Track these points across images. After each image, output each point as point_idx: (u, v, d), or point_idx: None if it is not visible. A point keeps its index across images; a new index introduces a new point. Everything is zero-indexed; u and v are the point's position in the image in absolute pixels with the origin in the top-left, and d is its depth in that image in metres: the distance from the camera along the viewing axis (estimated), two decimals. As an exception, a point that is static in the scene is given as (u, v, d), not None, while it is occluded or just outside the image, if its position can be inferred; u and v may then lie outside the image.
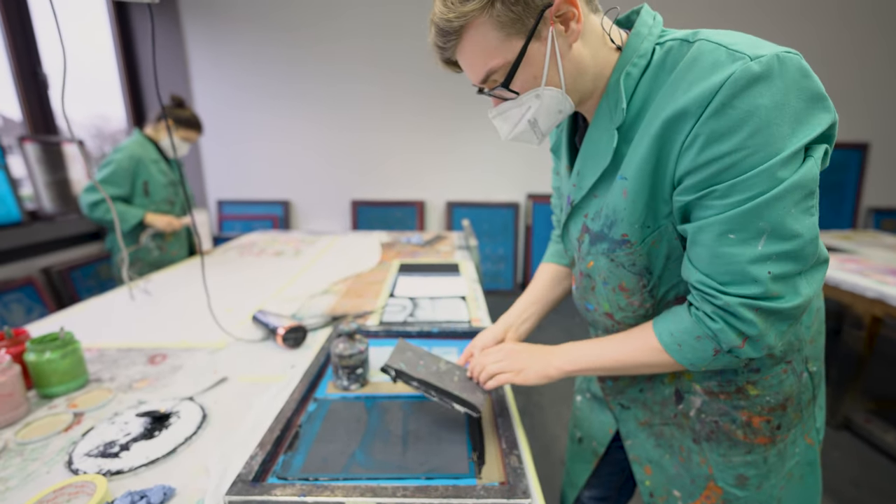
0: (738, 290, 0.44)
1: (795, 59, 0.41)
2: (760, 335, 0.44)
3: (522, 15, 0.46)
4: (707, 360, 0.48)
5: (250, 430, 0.66)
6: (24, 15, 2.20)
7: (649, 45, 0.49)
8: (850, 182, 3.39)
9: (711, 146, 0.42)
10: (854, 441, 1.74)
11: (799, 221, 0.41)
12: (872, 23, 3.14)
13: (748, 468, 0.57)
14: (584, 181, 0.56)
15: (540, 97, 0.52)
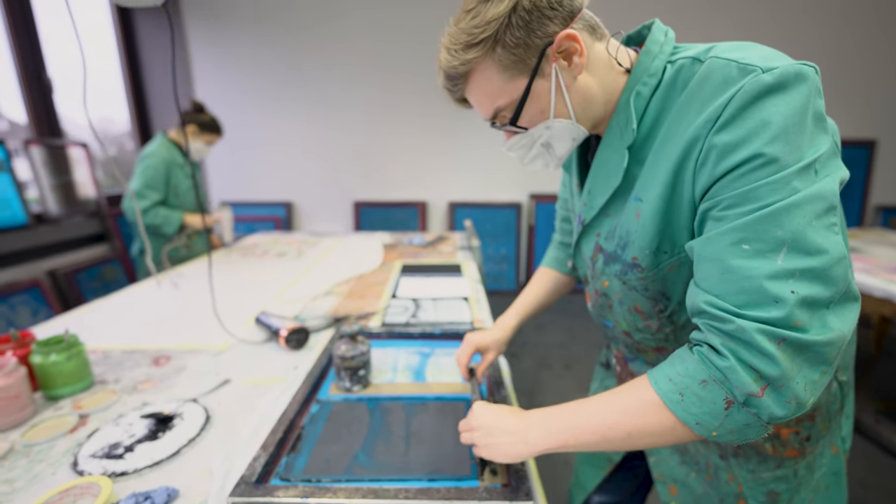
0: (755, 312, 0.36)
1: (811, 73, 0.39)
2: (784, 377, 0.35)
3: (524, 56, 0.48)
4: (718, 418, 0.38)
5: (253, 431, 0.67)
6: (29, 19, 2.22)
7: (660, 63, 0.49)
8: (857, 180, 3.36)
9: (726, 158, 0.39)
10: (862, 442, 1.73)
11: (822, 236, 0.36)
12: (878, 19, 3.12)
13: (779, 483, 0.54)
14: (595, 200, 0.56)
15: (550, 128, 0.52)
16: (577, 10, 0.48)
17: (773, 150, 0.37)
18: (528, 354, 2.47)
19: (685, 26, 3.11)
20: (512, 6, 0.46)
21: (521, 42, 0.47)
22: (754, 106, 0.38)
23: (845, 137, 3.30)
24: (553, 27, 0.47)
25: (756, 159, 0.38)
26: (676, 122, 0.45)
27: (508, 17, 0.46)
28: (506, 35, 0.47)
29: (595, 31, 0.51)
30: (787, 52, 0.43)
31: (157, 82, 3.05)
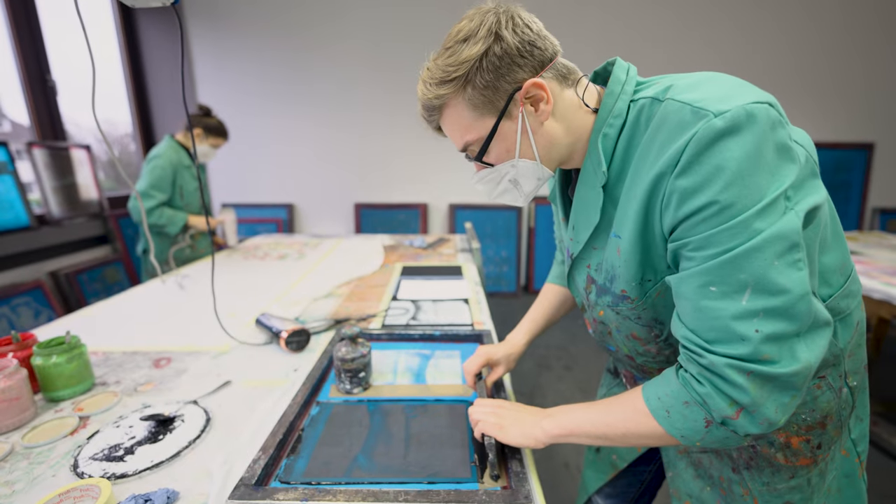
0: (724, 348, 0.40)
1: (764, 110, 0.40)
2: (755, 405, 0.40)
3: (492, 98, 0.51)
4: (700, 433, 0.43)
5: (253, 433, 0.67)
6: (33, 21, 2.23)
7: (623, 104, 0.51)
8: (855, 182, 3.37)
9: (686, 203, 0.42)
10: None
11: (784, 275, 0.39)
12: (877, 21, 3.12)
13: (794, 494, 0.54)
14: (580, 235, 0.58)
15: (515, 167, 0.56)
16: (547, 61, 0.52)
17: (728, 196, 0.39)
18: (529, 356, 2.47)
19: (686, 27, 3.12)
20: (484, 50, 0.49)
21: (490, 85, 0.50)
22: (708, 151, 0.40)
23: (843, 140, 3.31)
24: (522, 74, 0.51)
25: (713, 206, 0.40)
26: (641, 163, 0.47)
27: (480, 60, 0.50)
28: (476, 76, 0.50)
29: (566, 78, 0.54)
30: (787, 55, 0.44)
31: (159, 84, 3.06)
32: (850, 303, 0.51)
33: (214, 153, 1.95)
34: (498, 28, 0.49)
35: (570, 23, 3.10)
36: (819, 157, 2.54)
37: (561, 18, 3.09)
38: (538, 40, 0.51)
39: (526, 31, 0.50)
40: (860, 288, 0.53)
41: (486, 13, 0.51)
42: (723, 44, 3.14)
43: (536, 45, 0.51)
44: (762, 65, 3.17)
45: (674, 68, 3.17)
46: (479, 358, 0.74)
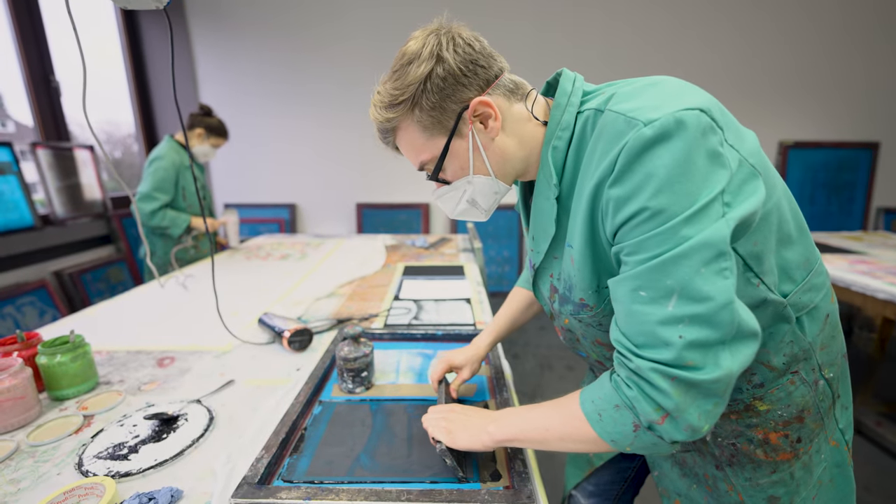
0: (650, 353, 0.41)
1: (695, 117, 0.41)
2: (678, 410, 0.40)
3: (441, 118, 0.52)
4: (629, 437, 0.43)
5: (256, 432, 0.67)
6: (37, 22, 2.24)
7: (570, 116, 0.51)
8: (860, 182, 3.35)
9: (620, 210, 0.43)
10: (865, 445, 1.72)
11: (710, 283, 0.39)
12: (876, 20, 3.11)
13: (777, 488, 0.55)
14: (540, 246, 0.59)
15: (471, 183, 0.57)
16: (493, 78, 0.53)
17: (658, 203, 0.40)
18: (531, 356, 2.47)
19: (684, 27, 3.11)
20: (427, 73, 0.50)
21: (437, 106, 0.52)
22: (639, 160, 0.41)
23: (848, 140, 3.29)
24: (468, 93, 0.52)
25: (643, 212, 0.41)
26: (585, 173, 0.48)
27: (424, 82, 0.51)
28: (422, 99, 0.51)
29: (514, 93, 0.55)
30: (789, 56, 0.44)
31: (162, 85, 3.07)
32: (815, 296, 0.51)
33: (215, 153, 1.95)
34: (439, 50, 0.50)
35: (572, 25, 3.10)
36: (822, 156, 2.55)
37: (563, 20, 3.09)
38: (481, 59, 0.52)
39: (468, 50, 0.51)
40: (826, 280, 0.53)
41: (429, 35, 0.52)
42: (722, 44, 3.13)
43: (479, 63, 0.52)
44: (762, 65, 3.16)
45: (674, 69, 3.16)
46: (441, 363, 0.74)
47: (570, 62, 3.17)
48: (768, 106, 3.25)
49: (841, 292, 1.69)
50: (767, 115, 3.26)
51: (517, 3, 3.06)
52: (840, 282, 1.67)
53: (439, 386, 0.73)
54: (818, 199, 3.36)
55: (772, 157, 3.34)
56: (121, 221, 2.60)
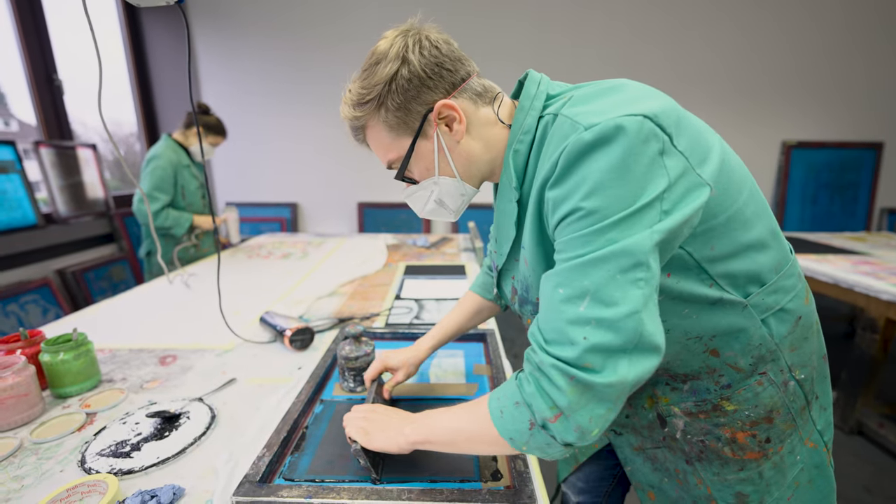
0: (555, 349, 0.41)
1: (636, 123, 0.41)
2: (570, 409, 0.40)
3: (406, 119, 0.53)
4: (525, 436, 0.43)
5: (258, 431, 0.67)
6: (40, 21, 2.25)
7: (532, 119, 0.52)
8: (863, 182, 3.33)
9: (556, 210, 0.44)
10: (867, 446, 1.71)
11: (622, 290, 0.39)
12: (878, 20, 3.09)
13: (744, 485, 0.55)
14: (502, 248, 0.60)
15: (437, 184, 0.58)
16: (459, 81, 0.53)
17: (588, 204, 0.41)
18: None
19: (685, 27, 3.10)
20: (392, 74, 0.51)
21: (402, 106, 0.53)
22: (577, 163, 0.42)
23: (851, 140, 3.28)
24: (434, 96, 0.53)
25: (575, 213, 0.42)
26: (537, 176, 0.49)
27: (389, 83, 0.52)
28: (387, 99, 0.52)
29: (482, 96, 0.55)
30: (791, 56, 0.44)
31: (164, 84, 3.07)
32: (781, 298, 0.50)
33: (213, 151, 1.94)
34: (405, 51, 0.51)
35: (572, 25, 3.09)
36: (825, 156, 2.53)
37: (563, 21, 3.08)
38: (447, 62, 0.53)
39: (434, 52, 0.52)
40: (797, 283, 0.53)
41: (398, 35, 0.53)
42: (723, 44, 3.12)
43: (445, 66, 0.52)
44: (764, 64, 3.15)
45: (675, 69, 3.15)
46: (377, 363, 0.74)
47: (570, 62, 3.16)
48: (770, 106, 3.24)
49: (844, 293, 1.69)
50: (769, 116, 3.25)
51: (517, 3, 3.06)
52: (843, 283, 1.66)
53: (371, 385, 0.72)
54: (821, 200, 3.35)
55: (774, 158, 3.33)
56: (123, 220, 2.61)
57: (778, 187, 3.34)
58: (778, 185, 3.33)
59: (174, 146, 1.87)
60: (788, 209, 3.34)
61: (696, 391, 0.54)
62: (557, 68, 3.12)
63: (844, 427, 1.79)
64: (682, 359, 0.53)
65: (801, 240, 2.37)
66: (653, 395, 0.58)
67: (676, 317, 0.49)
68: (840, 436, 1.78)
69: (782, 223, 3.36)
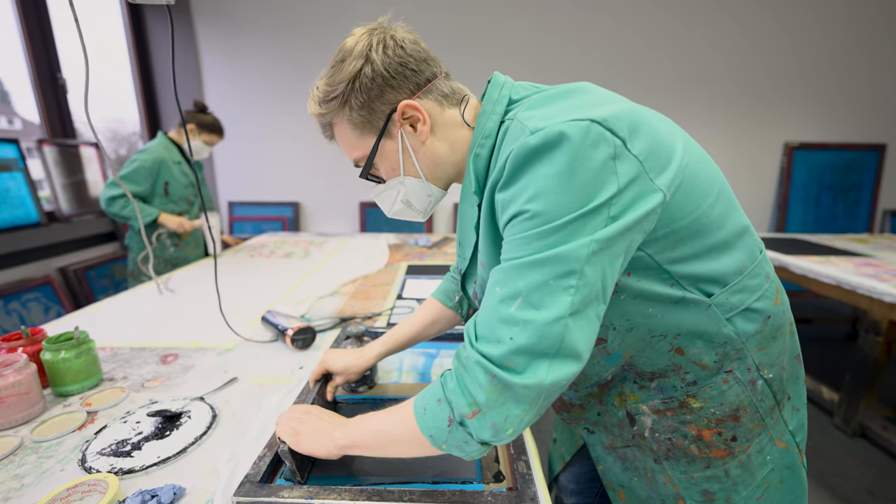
0: (483, 346, 0.42)
1: (582, 129, 0.41)
2: (488, 406, 0.41)
3: (370, 118, 0.54)
4: (444, 433, 0.44)
5: (259, 430, 0.67)
6: (44, 21, 2.25)
7: (493, 124, 0.52)
8: (866, 184, 3.32)
9: (503, 213, 0.45)
10: (870, 449, 1.71)
11: (552, 295, 0.40)
12: (880, 21, 3.08)
13: (711, 483, 0.55)
14: (465, 252, 0.60)
15: (403, 184, 0.58)
16: (424, 82, 0.54)
17: (532, 208, 0.42)
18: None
19: (687, 28, 3.09)
20: (356, 72, 0.52)
21: (365, 105, 0.53)
22: (523, 167, 0.43)
23: (854, 142, 3.26)
24: (397, 95, 0.53)
25: (520, 215, 0.43)
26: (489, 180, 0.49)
27: (352, 81, 0.52)
28: (351, 97, 0.53)
29: (448, 98, 0.55)
30: (793, 57, 0.43)
31: (167, 83, 3.08)
32: (746, 298, 0.50)
33: (209, 150, 1.89)
34: (368, 50, 0.52)
35: (575, 27, 3.09)
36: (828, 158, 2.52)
37: (566, 22, 3.08)
38: (412, 62, 0.53)
39: (399, 52, 0.52)
40: (763, 283, 0.52)
41: (364, 33, 0.53)
42: (726, 45, 3.11)
43: (409, 66, 0.52)
44: (766, 66, 3.14)
45: (677, 71, 3.15)
46: (319, 367, 0.74)
47: (573, 64, 3.16)
48: (773, 107, 3.23)
49: (847, 295, 1.68)
50: (772, 117, 3.24)
51: (520, 5, 3.05)
52: (846, 284, 1.65)
53: (315, 384, 0.72)
54: (824, 201, 3.34)
55: (777, 159, 3.32)
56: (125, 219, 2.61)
57: (780, 189, 3.33)
58: (780, 187, 3.33)
59: (166, 143, 1.85)
60: (791, 211, 3.33)
61: (663, 388, 0.54)
62: (560, 70, 3.12)
63: (847, 430, 1.78)
64: (648, 357, 0.53)
65: (803, 241, 2.36)
66: (622, 393, 0.58)
67: (640, 316, 0.49)
68: (843, 438, 1.77)
69: (784, 225, 3.35)
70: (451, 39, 3.08)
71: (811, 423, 1.88)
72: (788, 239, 2.45)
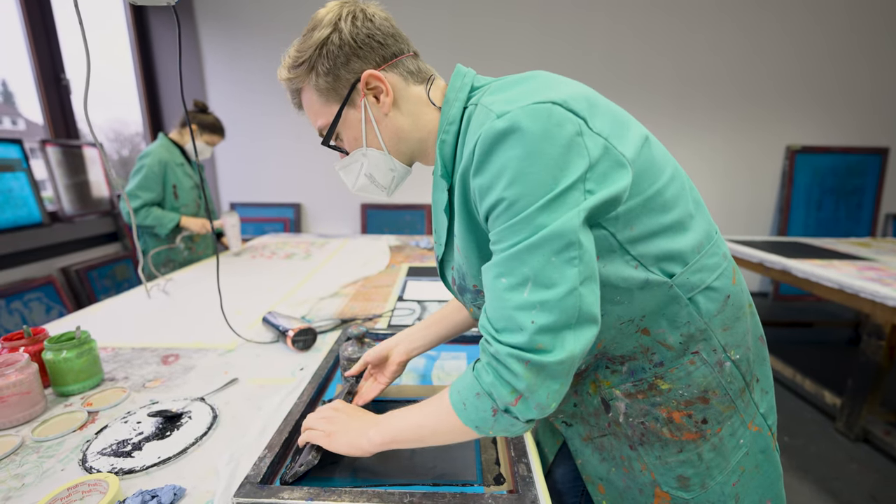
0: (507, 337, 0.43)
1: (545, 109, 0.43)
2: (530, 391, 0.43)
3: (335, 85, 0.55)
4: (489, 422, 0.46)
5: (259, 431, 0.67)
6: (49, 22, 2.27)
7: (457, 111, 0.53)
8: (868, 188, 3.32)
9: (483, 199, 0.45)
10: (872, 454, 1.70)
11: (559, 271, 0.42)
12: (883, 24, 3.08)
13: (685, 468, 0.56)
14: (440, 238, 0.61)
15: (366, 156, 0.59)
16: (390, 56, 0.55)
17: (511, 194, 0.43)
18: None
19: (690, 30, 3.09)
20: (324, 39, 0.53)
21: (331, 72, 0.54)
22: (493, 151, 0.44)
23: (856, 145, 3.26)
24: (363, 66, 0.54)
25: (501, 203, 0.44)
26: (458, 165, 0.51)
27: (320, 47, 0.54)
28: (318, 63, 0.54)
29: (414, 75, 0.57)
30: (795, 60, 0.44)
31: (170, 84, 3.09)
32: (706, 277, 0.51)
33: (210, 151, 1.88)
34: (338, 19, 0.53)
35: (575, 28, 3.10)
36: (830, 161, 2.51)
37: (567, 24, 3.08)
38: (379, 35, 0.54)
39: (367, 25, 0.54)
40: (721, 262, 0.53)
41: (335, 5, 0.55)
42: (727, 48, 3.12)
43: (376, 38, 0.54)
44: (768, 68, 3.14)
45: (679, 73, 3.15)
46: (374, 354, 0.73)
47: (573, 66, 3.16)
48: (775, 110, 3.23)
49: (849, 299, 1.67)
50: (774, 120, 3.24)
51: (521, 6, 3.06)
52: (848, 288, 1.65)
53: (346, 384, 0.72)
54: (826, 205, 3.33)
55: (779, 162, 3.31)
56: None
57: (782, 192, 3.32)
58: (782, 190, 3.32)
59: (168, 145, 1.84)
60: (793, 214, 3.33)
61: (634, 371, 0.55)
62: (561, 71, 3.11)
63: (850, 435, 1.78)
64: (618, 341, 0.54)
65: (805, 245, 2.36)
66: (595, 381, 0.59)
67: (609, 303, 0.50)
68: (845, 443, 1.76)
69: (786, 228, 3.34)
70: (451, 41, 3.09)
71: (813, 427, 1.87)
72: (790, 242, 2.44)
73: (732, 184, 3.35)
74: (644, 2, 3.04)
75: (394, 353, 0.73)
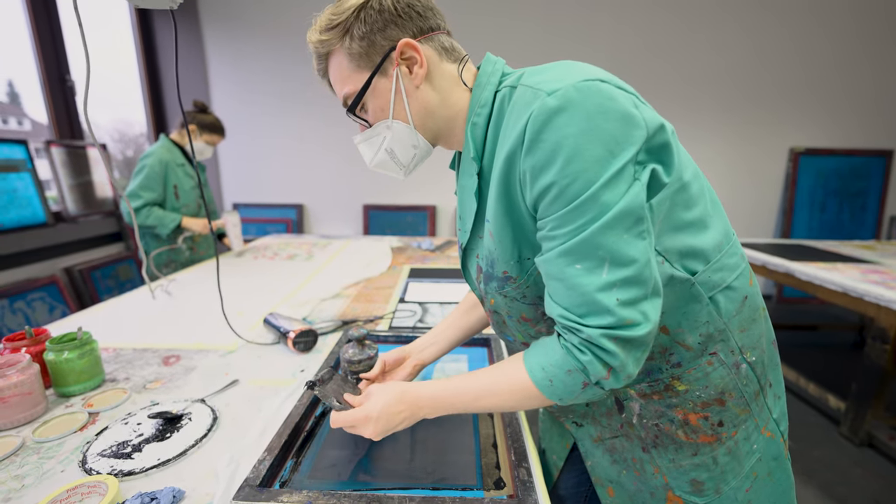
0: (594, 321, 0.44)
1: (595, 85, 0.43)
2: (622, 365, 0.44)
3: (369, 51, 0.54)
4: (575, 394, 0.47)
5: (259, 433, 0.67)
6: (54, 23, 2.28)
7: (489, 94, 0.53)
8: (873, 191, 3.30)
9: (537, 180, 0.45)
10: (877, 458, 1.68)
11: (633, 246, 0.42)
12: (891, 26, 3.06)
13: (699, 471, 0.55)
14: (465, 225, 0.59)
15: (390, 129, 0.57)
16: (427, 29, 0.54)
17: (570, 173, 0.42)
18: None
19: (692, 31, 3.09)
20: (363, 2, 0.52)
21: (366, 36, 0.53)
22: (545, 129, 0.43)
23: (860, 148, 3.24)
24: (399, 34, 0.53)
25: (558, 184, 0.43)
26: (500, 145, 0.50)
27: (359, 11, 0.52)
28: (354, 26, 0.53)
29: (448, 52, 0.56)
30: (798, 62, 0.44)
31: (173, 85, 3.11)
32: (727, 276, 0.51)
33: (210, 150, 1.88)
34: None
35: (579, 29, 3.09)
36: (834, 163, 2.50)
37: (571, 24, 3.08)
38: (418, 6, 0.54)
39: None
40: (740, 262, 0.53)
41: None
42: (731, 49, 3.11)
43: (416, 9, 0.53)
44: (771, 70, 3.13)
45: (681, 74, 3.14)
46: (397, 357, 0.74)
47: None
48: (778, 112, 3.21)
49: (853, 302, 1.66)
50: (777, 122, 3.23)
51: (523, 6, 3.06)
52: (852, 291, 1.64)
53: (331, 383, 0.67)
54: (830, 207, 3.31)
55: (782, 164, 3.30)
56: (131, 219, 2.63)
57: (786, 194, 3.31)
58: (786, 192, 3.31)
59: (169, 145, 1.84)
60: (796, 216, 3.31)
61: (650, 371, 0.54)
62: (564, 73, 3.13)
63: (854, 439, 1.76)
64: None
65: (809, 247, 2.34)
66: None
67: None
68: (850, 448, 1.75)
69: (790, 231, 3.32)
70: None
71: (817, 431, 1.86)
72: (794, 245, 2.43)
73: (736, 186, 3.33)
74: (647, 3, 3.04)
75: (411, 356, 0.74)
